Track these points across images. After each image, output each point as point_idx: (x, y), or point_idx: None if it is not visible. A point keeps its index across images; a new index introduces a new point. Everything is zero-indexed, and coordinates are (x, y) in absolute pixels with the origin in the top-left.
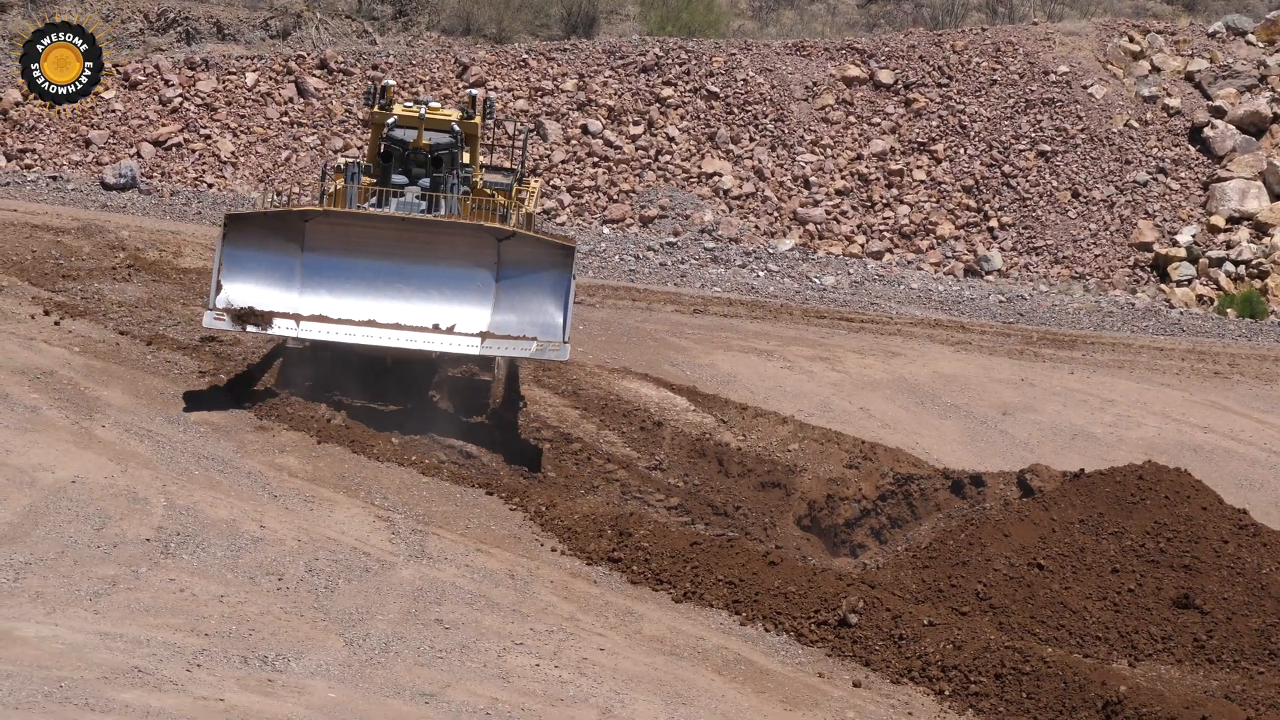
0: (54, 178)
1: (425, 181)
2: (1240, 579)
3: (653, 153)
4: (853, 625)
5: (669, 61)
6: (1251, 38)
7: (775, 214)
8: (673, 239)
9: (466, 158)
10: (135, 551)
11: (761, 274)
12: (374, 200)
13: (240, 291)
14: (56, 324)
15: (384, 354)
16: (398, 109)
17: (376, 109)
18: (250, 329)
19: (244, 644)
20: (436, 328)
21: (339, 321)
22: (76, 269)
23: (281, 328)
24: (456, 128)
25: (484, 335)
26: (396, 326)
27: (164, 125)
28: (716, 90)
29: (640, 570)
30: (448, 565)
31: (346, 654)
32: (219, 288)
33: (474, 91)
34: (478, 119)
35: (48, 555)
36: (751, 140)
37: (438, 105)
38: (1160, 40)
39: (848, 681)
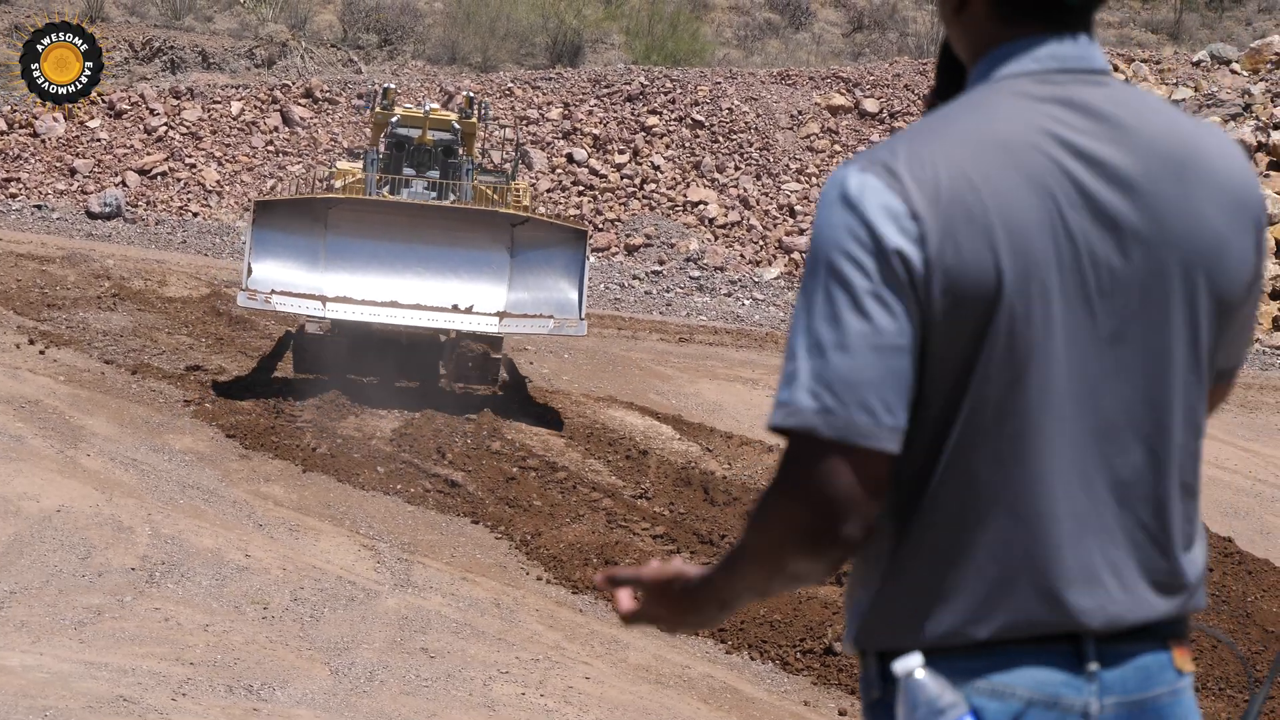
0: (39, 206)
1: (434, 174)
2: (1225, 607)
3: (638, 181)
4: (839, 654)
5: (654, 90)
6: (1236, 66)
7: (761, 242)
8: (658, 267)
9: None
10: (120, 581)
11: (747, 302)
12: (386, 188)
13: (269, 271)
14: (41, 353)
15: (401, 335)
16: (399, 110)
17: (379, 109)
18: (279, 306)
19: (229, 673)
20: (456, 308)
21: (363, 302)
22: (61, 298)
23: (308, 307)
24: (457, 126)
25: (502, 314)
26: (418, 307)
27: (149, 154)
28: (701, 119)
29: None
30: (433, 594)
31: (332, 683)
32: (249, 270)
33: (470, 93)
34: (474, 119)
35: (32, 584)
36: (737, 169)
37: (437, 106)
38: (1145, 69)
39: (833, 710)
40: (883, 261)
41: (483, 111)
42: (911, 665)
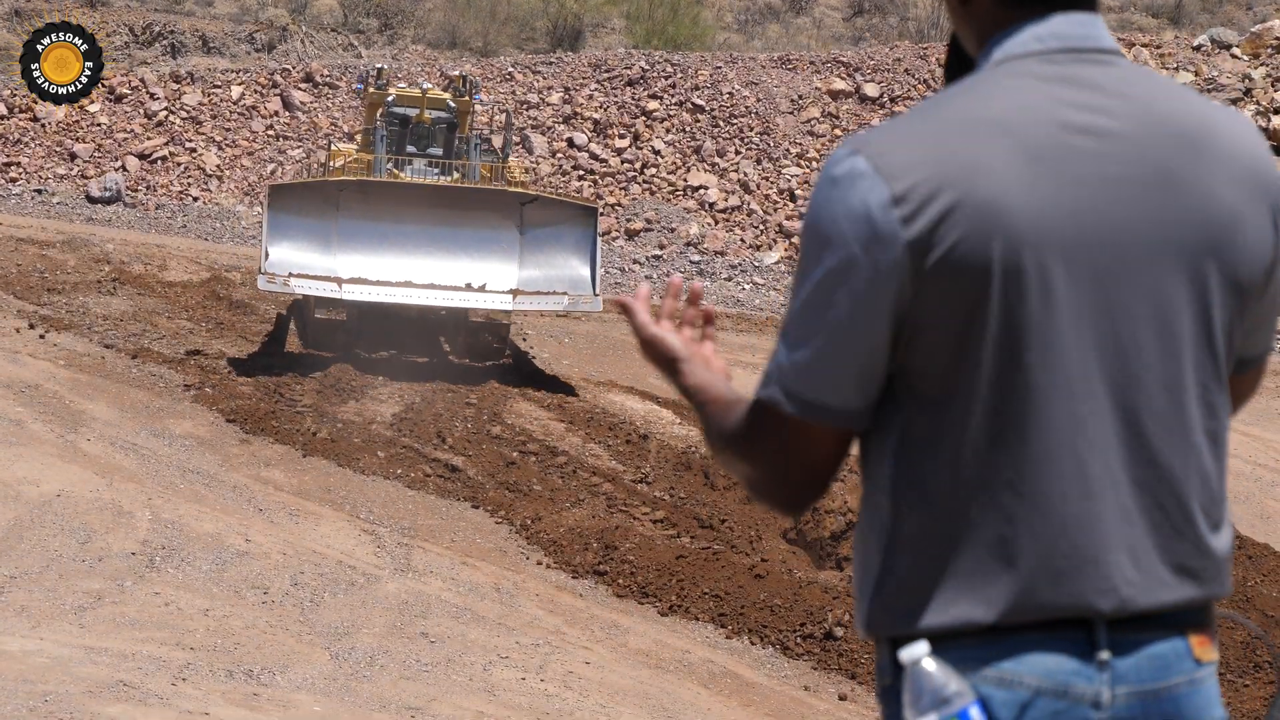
0: (39, 191)
1: (437, 151)
2: None
3: (638, 166)
4: (839, 638)
5: (655, 74)
6: (1237, 51)
7: (761, 227)
8: (658, 252)
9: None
10: (120, 565)
11: (747, 287)
12: (391, 166)
13: (285, 254)
14: (41, 337)
15: (411, 311)
16: (394, 90)
17: (373, 89)
18: (298, 289)
19: (229, 657)
20: (469, 286)
21: (378, 283)
22: (61, 282)
23: (325, 289)
24: (453, 105)
25: (515, 292)
26: (432, 286)
27: (149, 138)
28: (702, 103)
29: (626, 583)
30: (433, 578)
31: (332, 667)
32: (266, 254)
33: (461, 73)
34: (467, 98)
35: (33, 569)
36: (737, 153)
37: (430, 86)
38: (1145, 53)
39: (834, 694)
40: (859, 244)
41: (474, 90)
42: (918, 654)
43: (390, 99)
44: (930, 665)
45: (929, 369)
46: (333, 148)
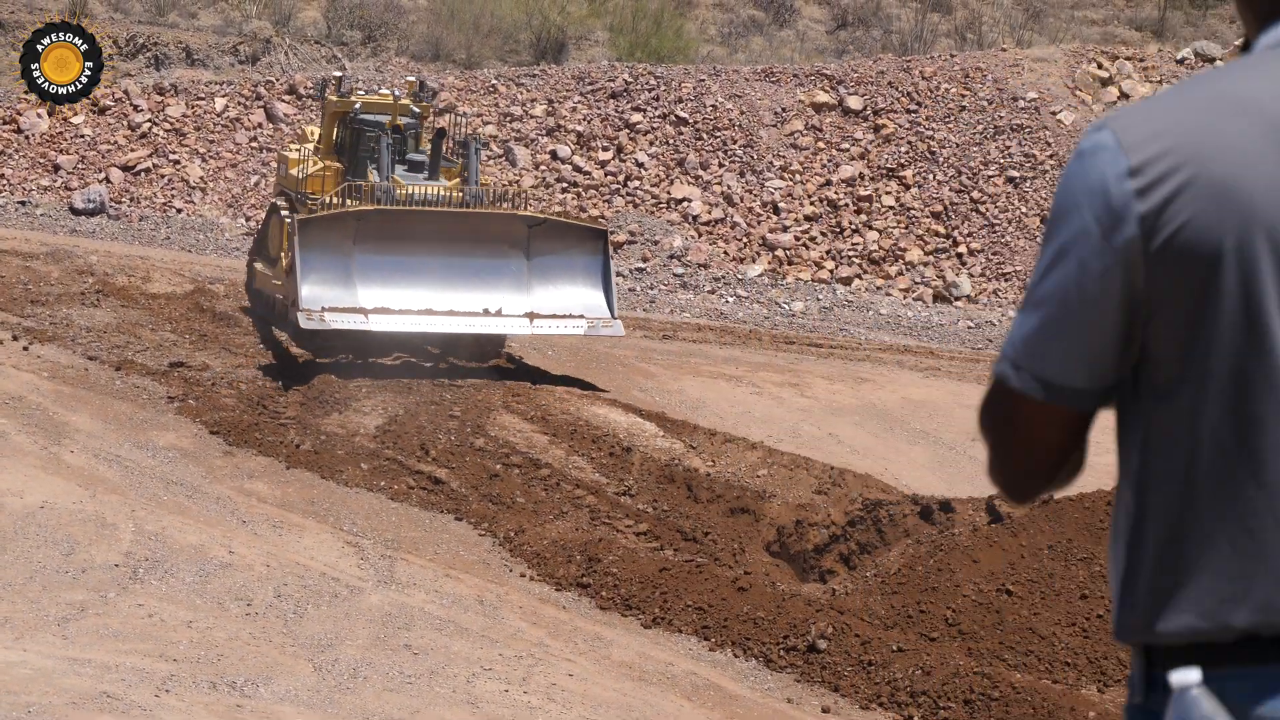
0: (22, 203)
1: (418, 157)
2: None
3: (622, 178)
4: (821, 651)
5: (638, 87)
6: (1220, 64)
7: (744, 240)
8: (642, 265)
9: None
10: (104, 577)
11: (730, 300)
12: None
13: (315, 290)
14: (25, 349)
15: (431, 339)
16: (357, 99)
17: (336, 97)
18: (332, 324)
19: (213, 669)
20: (486, 311)
21: (401, 312)
22: (45, 294)
23: (354, 321)
24: (416, 110)
25: (531, 315)
26: (451, 313)
27: (133, 150)
28: (685, 116)
29: (609, 596)
30: (417, 591)
31: (315, 679)
32: (300, 291)
33: (413, 78)
34: (425, 104)
35: (16, 581)
36: (720, 166)
37: (387, 92)
38: (1129, 66)
39: (816, 707)
40: (1093, 215)
41: (430, 96)
42: (1190, 680)
43: (357, 107)
44: (1201, 696)
45: (1164, 356)
46: (296, 154)
